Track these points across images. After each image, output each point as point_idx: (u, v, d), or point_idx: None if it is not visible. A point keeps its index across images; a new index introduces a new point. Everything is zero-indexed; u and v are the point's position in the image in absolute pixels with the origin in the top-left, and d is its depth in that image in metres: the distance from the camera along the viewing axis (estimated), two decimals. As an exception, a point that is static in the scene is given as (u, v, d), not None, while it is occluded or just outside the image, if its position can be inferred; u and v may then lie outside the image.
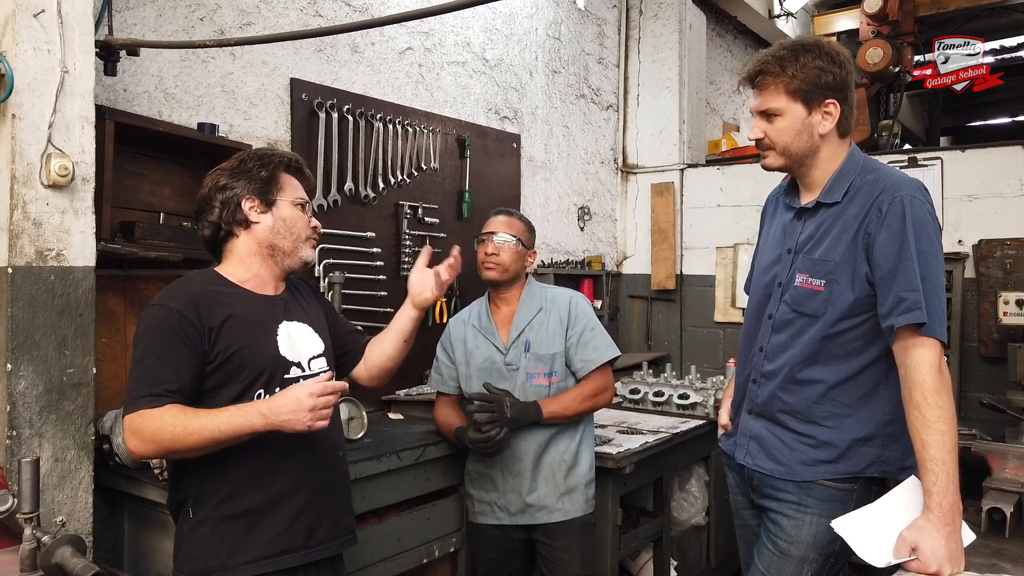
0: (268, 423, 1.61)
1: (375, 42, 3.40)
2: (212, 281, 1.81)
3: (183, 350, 1.67)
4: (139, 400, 1.62)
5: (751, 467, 1.96)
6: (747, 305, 2.11)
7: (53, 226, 1.98)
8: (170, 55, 2.62)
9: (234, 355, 1.73)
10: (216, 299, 1.76)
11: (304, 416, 1.60)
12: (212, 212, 1.82)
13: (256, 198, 1.82)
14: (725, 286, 4.77)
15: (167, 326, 1.67)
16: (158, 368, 1.65)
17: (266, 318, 1.83)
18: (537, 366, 2.54)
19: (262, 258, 1.85)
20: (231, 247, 1.86)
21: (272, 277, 1.87)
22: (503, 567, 2.62)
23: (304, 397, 1.60)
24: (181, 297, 1.72)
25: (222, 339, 1.72)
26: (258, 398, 1.74)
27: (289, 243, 1.85)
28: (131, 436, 1.62)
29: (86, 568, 1.44)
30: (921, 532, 1.55)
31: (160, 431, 1.59)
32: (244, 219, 1.82)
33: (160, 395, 1.62)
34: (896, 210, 1.73)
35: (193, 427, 1.59)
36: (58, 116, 1.98)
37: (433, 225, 3.64)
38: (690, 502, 3.50)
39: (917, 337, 1.66)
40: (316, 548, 1.80)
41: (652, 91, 5.13)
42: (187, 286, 1.77)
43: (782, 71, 1.83)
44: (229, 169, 1.85)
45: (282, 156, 1.91)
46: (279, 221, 1.84)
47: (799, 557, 1.85)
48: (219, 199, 1.82)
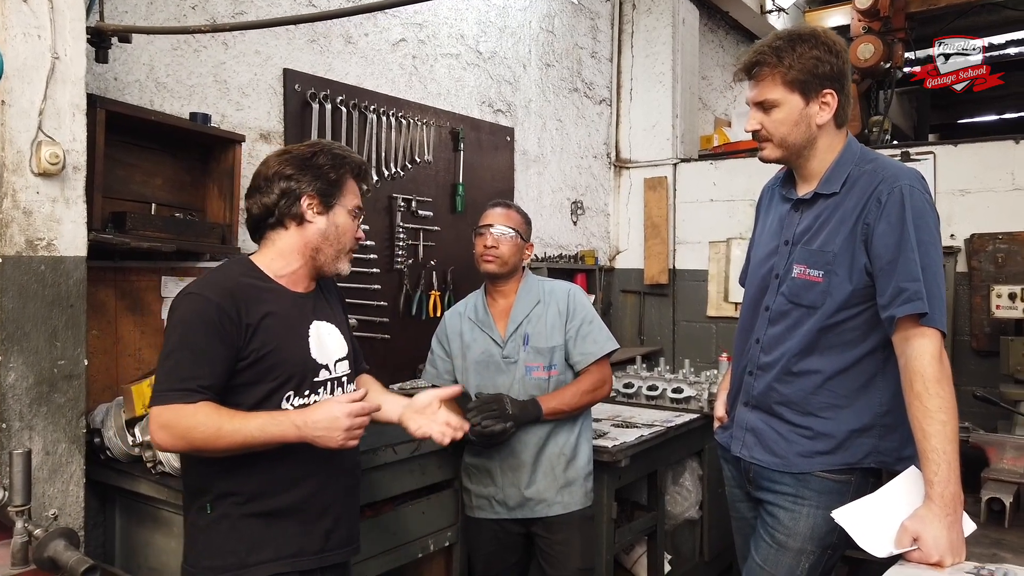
0: (301, 436, 1.60)
1: (368, 33, 3.37)
2: (249, 273, 1.77)
3: (219, 345, 1.63)
4: (171, 393, 1.58)
5: (748, 459, 1.95)
6: (743, 297, 2.10)
7: (43, 215, 1.95)
8: (161, 44, 2.58)
9: (268, 355, 1.69)
10: (254, 294, 1.72)
11: (338, 435, 1.60)
12: (269, 195, 1.76)
13: (317, 197, 1.78)
14: (718, 281, 4.78)
15: (204, 318, 1.63)
16: (192, 361, 1.60)
17: (298, 318, 1.80)
18: (536, 359, 2.52)
19: (304, 258, 1.81)
20: (275, 237, 1.80)
21: (307, 277, 1.84)
22: (501, 561, 2.61)
23: (342, 416, 1.60)
24: (219, 289, 1.67)
25: (258, 337, 1.68)
26: (287, 400, 1.72)
27: (334, 251, 1.82)
28: (160, 429, 1.58)
29: (80, 562, 1.42)
30: (923, 522, 1.54)
31: (193, 430, 1.56)
32: (300, 215, 1.77)
33: (194, 390, 1.58)
34: (895, 200, 1.72)
35: (227, 430, 1.56)
36: (48, 103, 1.95)
37: (427, 218, 3.62)
38: (684, 496, 3.51)
39: (918, 327, 1.66)
40: (331, 552, 1.79)
41: (645, 85, 5.12)
42: (225, 277, 1.73)
43: (779, 61, 1.81)
44: (300, 158, 1.80)
45: (353, 162, 1.86)
46: (332, 227, 1.80)
47: (796, 549, 1.85)
48: (281, 186, 1.76)
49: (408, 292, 3.52)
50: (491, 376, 2.53)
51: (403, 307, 3.50)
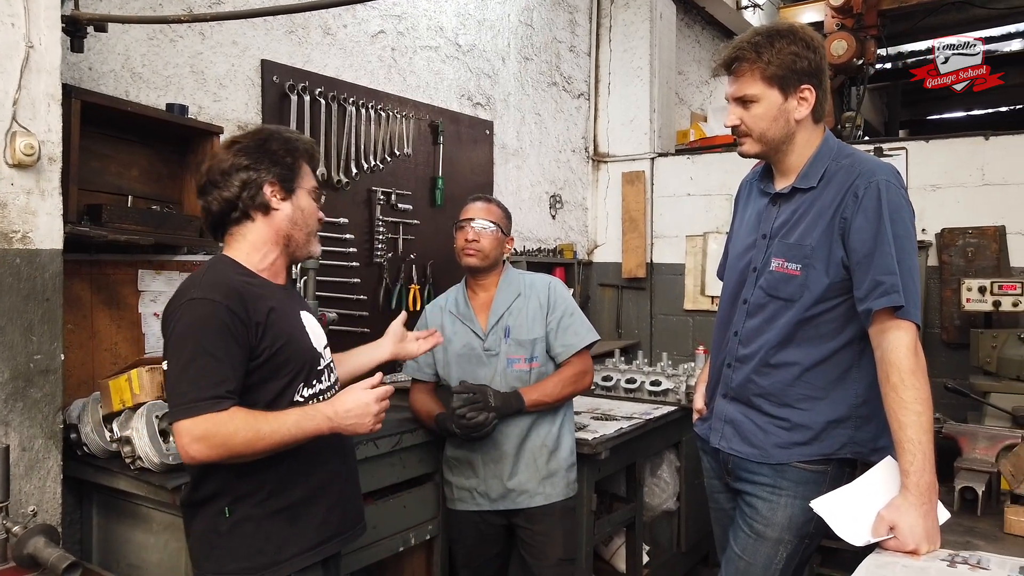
0: (334, 426, 1.61)
1: (347, 24, 3.34)
2: (238, 270, 1.72)
3: (235, 347, 1.59)
4: (202, 403, 1.52)
5: (726, 451, 1.98)
6: (721, 291, 2.11)
7: (18, 207, 1.91)
8: (137, 34, 2.54)
9: (280, 349, 1.67)
10: (254, 291, 1.67)
11: (369, 420, 1.63)
12: (229, 189, 1.70)
13: (279, 183, 1.73)
14: (695, 274, 4.81)
15: (218, 321, 1.57)
16: (216, 367, 1.55)
17: (293, 310, 1.78)
18: (518, 351, 2.53)
19: (279, 247, 1.77)
20: (243, 231, 1.75)
21: (284, 267, 1.81)
22: (482, 553, 2.62)
23: (371, 402, 1.62)
24: (224, 289, 1.62)
25: (269, 334, 1.65)
26: (298, 392, 1.71)
27: (304, 235, 1.79)
28: (195, 442, 1.51)
29: (61, 559, 1.40)
30: (899, 511, 1.57)
31: (233, 436, 1.52)
32: (265, 204, 1.73)
33: (223, 396, 1.54)
34: (872, 195, 1.75)
35: (265, 431, 1.54)
36: (23, 93, 1.91)
37: (406, 212, 3.60)
38: (661, 487, 3.54)
39: (894, 320, 1.68)
40: (349, 532, 1.81)
41: (623, 80, 5.14)
42: (223, 276, 1.66)
43: (758, 57, 1.82)
44: (252, 146, 1.74)
45: (304, 144, 1.83)
46: (298, 211, 1.77)
47: (775, 539, 1.87)
48: (241, 177, 1.71)
49: (388, 285, 3.51)
50: (473, 369, 2.54)
51: (382, 300, 3.49)
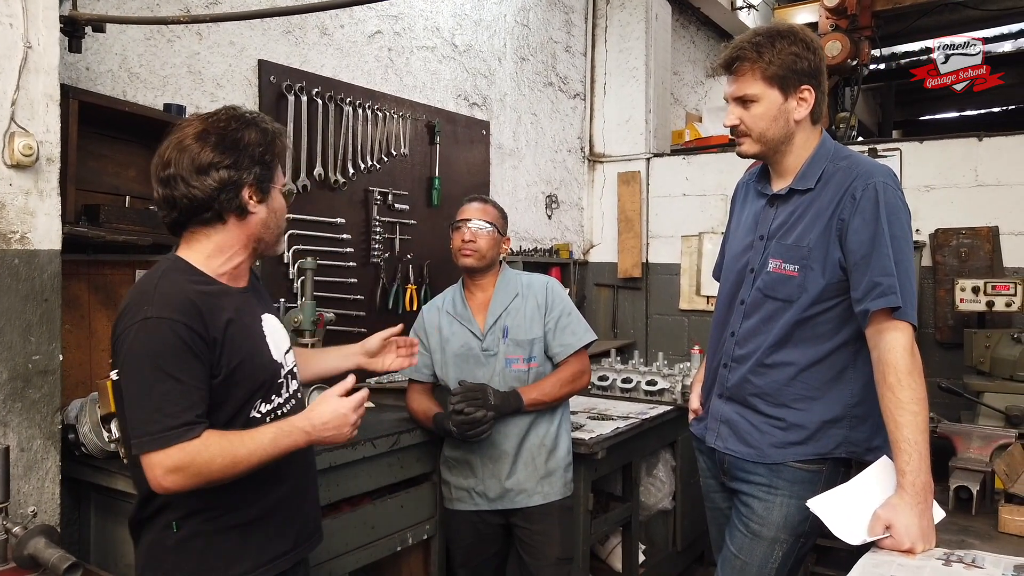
0: (311, 439, 1.54)
1: (344, 24, 3.35)
2: (193, 277, 1.56)
3: (198, 365, 1.46)
4: (171, 433, 1.40)
5: (722, 450, 1.98)
6: (718, 291, 2.12)
7: (17, 208, 1.91)
8: (135, 34, 2.54)
9: (237, 368, 1.55)
10: (210, 302, 1.53)
11: (347, 430, 1.56)
12: (203, 188, 1.53)
13: (256, 186, 1.59)
14: (690, 274, 4.83)
15: (178, 341, 1.44)
16: (181, 391, 1.43)
17: (251, 318, 1.65)
18: (516, 351, 2.54)
19: (248, 250, 1.64)
20: (209, 232, 1.59)
21: (247, 269, 1.68)
22: (480, 552, 2.62)
23: (348, 411, 1.55)
24: (179, 305, 1.47)
25: (226, 352, 1.52)
26: (255, 409, 1.60)
27: (274, 236, 1.67)
28: (169, 474, 1.40)
29: (62, 559, 1.40)
30: (895, 510, 1.58)
31: (210, 464, 1.42)
32: (242, 207, 1.57)
33: (193, 423, 1.43)
34: (870, 196, 1.76)
35: (242, 455, 1.45)
36: (21, 93, 1.90)
37: (403, 212, 3.61)
38: (657, 487, 3.55)
39: (891, 321, 1.69)
40: (301, 548, 1.73)
41: (619, 80, 5.15)
42: (177, 288, 1.50)
43: (759, 57, 1.83)
44: (231, 143, 1.56)
45: (281, 138, 1.67)
46: (272, 214, 1.63)
47: (770, 538, 1.88)
48: (218, 177, 1.53)
49: (384, 286, 3.51)
50: (471, 369, 2.54)
51: (379, 301, 3.49)
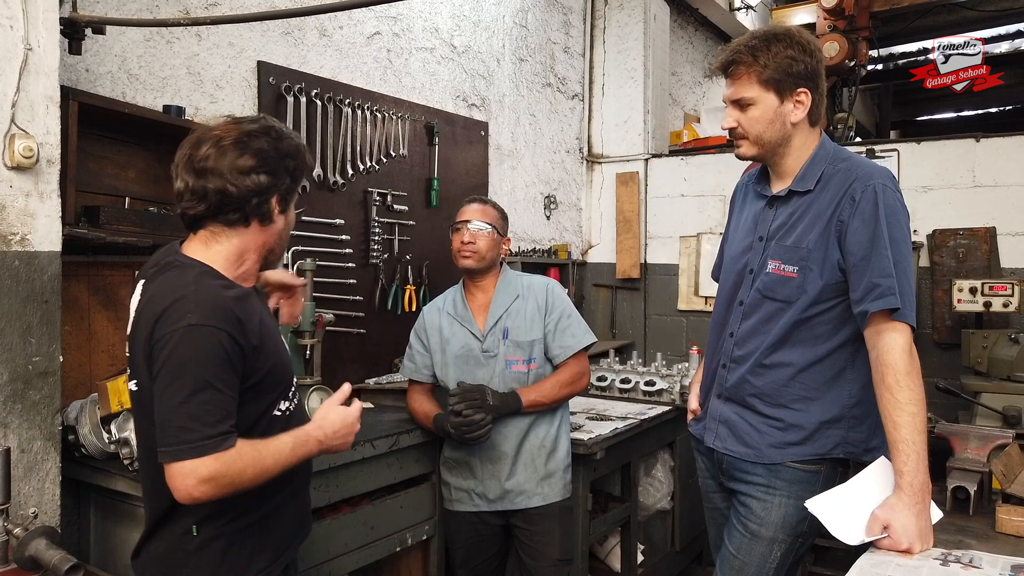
0: (323, 448, 1.59)
1: (343, 26, 3.35)
2: (223, 282, 1.55)
3: (234, 377, 1.48)
4: (208, 442, 1.40)
5: (721, 451, 1.99)
6: (717, 292, 2.13)
7: (17, 209, 1.91)
8: (134, 35, 2.54)
9: (270, 372, 1.57)
10: (243, 306, 1.53)
11: (351, 438, 1.61)
12: (239, 187, 1.53)
13: (280, 196, 1.61)
14: (688, 275, 4.84)
15: (223, 352, 1.45)
16: (220, 400, 1.44)
17: (271, 319, 1.68)
18: (516, 353, 2.54)
19: (259, 257, 1.65)
20: (230, 233, 1.58)
21: (255, 274, 1.68)
22: (479, 553, 2.63)
23: (354, 420, 1.60)
24: (222, 313, 1.47)
25: (262, 356, 1.54)
26: (276, 408, 1.62)
27: (283, 248, 1.70)
28: (202, 483, 1.39)
29: (63, 560, 1.40)
30: (893, 510, 1.59)
31: (242, 474, 1.44)
32: (268, 214, 1.59)
33: (228, 432, 1.43)
34: (869, 198, 1.76)
35: (268, 466, 1.47)
36: (21, 95, 1.91)
37: (402, 212, 3.61)
38: (656, 487, 3.56)
39: (889, 322, 1.70)
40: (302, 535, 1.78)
41: (617, 81, 5.16)
42: (214, 294, 1.49)
43: (755, 60, 1.84)
44: (273, 154, 1.58)
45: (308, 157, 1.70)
46: (287, 226, 1.67)
47: (769, 538, 1.89)
48: (256, 181, 1.54)
49: (384, 286, 3.52)
50: (471, 370, 2.54)
51: (379, 301, 3.49)
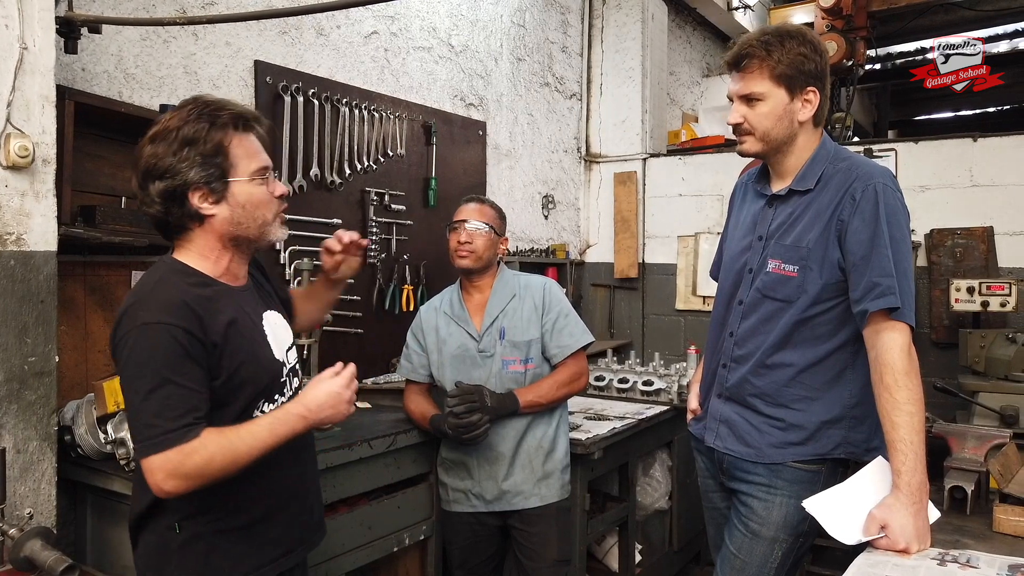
0: (309, 424, 1.53)
1: (340, 25, 3.34)
2: (191, 279, 1.53)
3: (197, 369, 1.45)
4: (170, 436, 1.38)
5: (721, 450, 1.99)
6: (716, 292, 2.12)
7: (13, 209, 1.91)
8: (130, 34, 2.53)
9: (238, 370, 1.53)
10: (209, 303, 1.50)
11: (343, 407, 1.55)
12: (151, 205, 1.50)
13: (204, 187, 1.50)
14: (686, 274, 4.83)
15: (176, 346, 1.42)
16: (181, 395, 1.41)
17: (254, 316, 1.62)
18: (513, 353, 2.54)
19: (229, 250, 1.59)
20: (187, 238, 1.57)
21: (241, 266, 1.64)
22: (477, 554, 2.62)
23: (341, 389, 1.54)
24: (176, 309, 1.44)
25: (227, 354, 1.51)
26: (258, 410, 1.59)
27: (256, 229, 1.58)
28: (168, 478, 1.39)
29: (59, 561, 1.40)
30: (890, 510, 1.59)
31: (208, 465, 1.41)
32: (195, 214, 1.52)
33: (192, 424, 1.41)
34: (869, 198, 1.76)
35: (241, 451, 1.44)
36: (17, 95, 1.90)
37: (399, 212, 3.60)
38: (654, 487, 3.56)
39: (889, 321, 1.70)
40: (305, 545, 1.75)
41: (615, 81, 5.15)
42: (173, 290, 1.48)
43: (768, 55, 1.83)
44: (167, 142, 1.48)
45: (231, 116, 1.55)
46: (238, 209, 1.54)
47: (770, 538, 1.89)
48: (158, 189, 1.48)
49: (381, 286, 3.51)
50: (467, 370, 2.54)
51: (376, 301, 3.49)
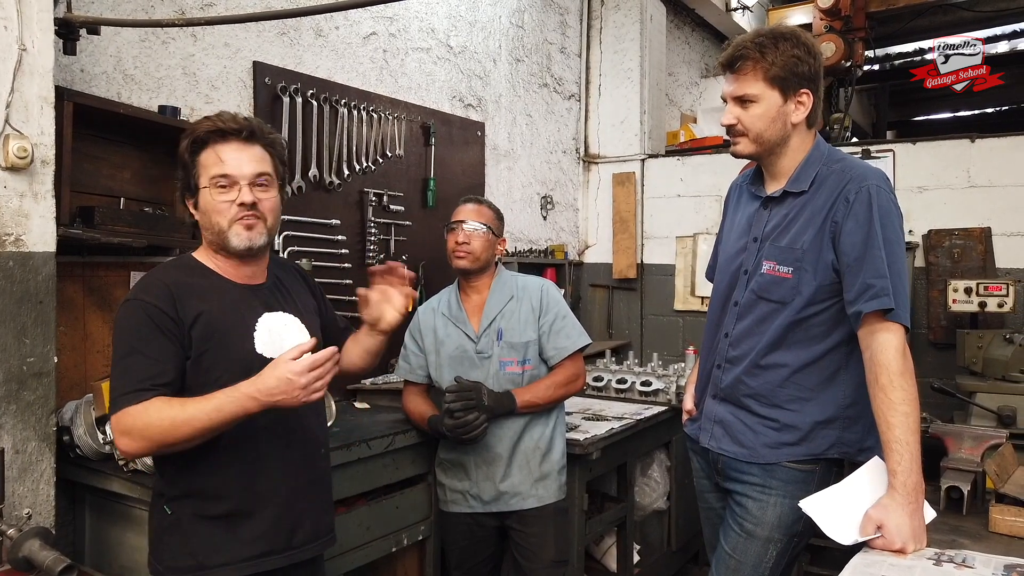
0: (262, 404, 1.53)
1: (339, 26, 3.35)
2: (188, 270, 1.72)
3: (166, 343, 1.60)
4: (123, 398, 1.54)
5: (716, 451, 1.99)
6: (712, 293, 2.13)
7: (11, 210, 1.91)
8: (129, 35, 2.54)
9: (204, 354, 1.64)
10: (192, 291, 1.67)
11: (297, 393, 1.53)
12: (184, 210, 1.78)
13: (187, 195, 1.72)
14: (685, 275, 4.84)
15: (144, 320, 1.59)
16: (141, 363, 1.57)
17: (244, 312, 1.72)
18: (510, 354, 2.54)
19: (219, 251, 1.74)
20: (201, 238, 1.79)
21: (247, 266, 1.75)
22: (475, 555, 2.63)
23: (293, 376, 1.52)
24: (155, 289, 1.64)
25: (195, 336, 1.64)
26: None
27: (214, 235, 1.70)
28: (121, 436, 1.55)
29: (57, 561, 1.40)
30: (886, 510, 1.59)
31: (149, 426, 1.52)
32: (190, 213, 1.75)
33: (145, 389, 1.55)
34: (863, 199, 1.77)
35: (182, 418, 1.52)
36: (16, 96, 1.90)
37: (398, 213, 3.61)
38: (652, 487, 3.56)
39: (883, 322, 1.71)
40: (298, 549, 1.75)
41: (614, 81, 5.16)
42: (162, 276, 1.68)
43: (762, 57, 1.83)
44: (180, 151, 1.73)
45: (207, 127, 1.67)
46: (202, 216, 1.71)
47: (764, 538, 1.89)
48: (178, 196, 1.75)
49: (379, 287, 3.51)
50: (465, 371, 2.54)
51: (374, 302, 3.49)
